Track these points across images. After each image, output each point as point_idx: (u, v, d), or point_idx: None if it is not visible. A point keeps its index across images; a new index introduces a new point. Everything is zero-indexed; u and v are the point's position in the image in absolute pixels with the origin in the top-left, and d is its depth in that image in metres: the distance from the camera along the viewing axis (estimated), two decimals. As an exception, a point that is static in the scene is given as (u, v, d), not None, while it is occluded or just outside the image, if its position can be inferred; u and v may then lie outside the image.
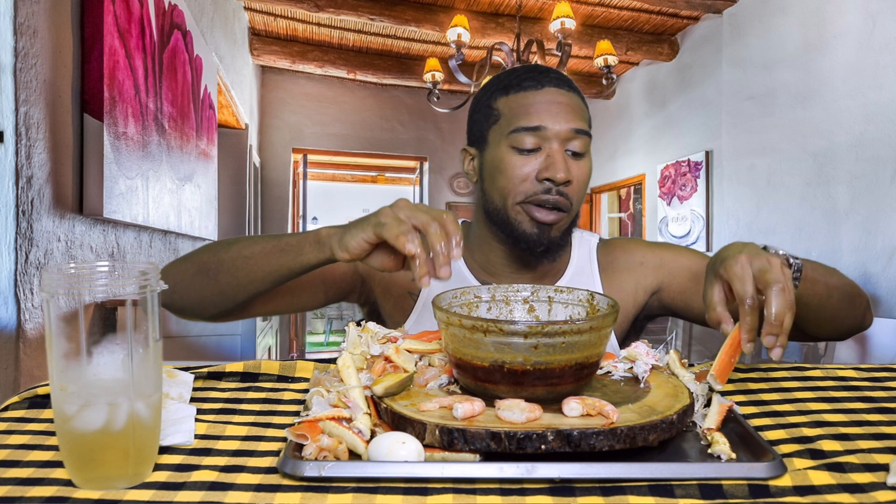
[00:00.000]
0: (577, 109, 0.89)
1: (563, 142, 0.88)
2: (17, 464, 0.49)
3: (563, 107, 0.88)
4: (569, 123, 0.87)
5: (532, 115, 0.87)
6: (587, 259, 1.01)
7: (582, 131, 0.88)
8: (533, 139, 0.87)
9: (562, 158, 0.87)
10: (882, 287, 3.37)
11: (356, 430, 0.50)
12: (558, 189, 0.87)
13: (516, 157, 0.88)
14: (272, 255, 0.77)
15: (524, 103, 0.88)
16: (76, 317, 0.45)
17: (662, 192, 5.49)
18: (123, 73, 1.85)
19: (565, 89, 0.90)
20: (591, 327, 0.54)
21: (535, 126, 0.87)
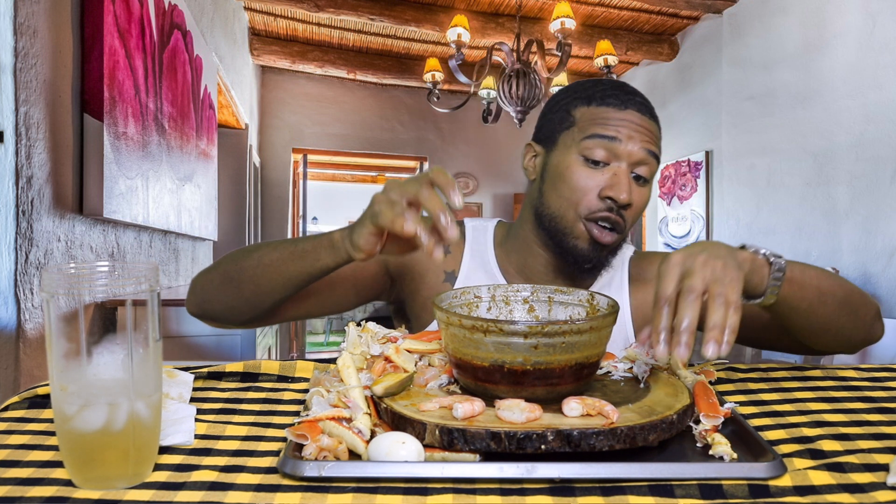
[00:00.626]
0: (653, 136, 0.89)
1: (632, 164, 0.87)
2: (17, 464, 0.49)
3: (642, 129, 0.87)
4: (644, 145, 0.86)
5: (609, 127, 0.86)
6: (619, 270, 1.00)
7: (653, 154, 0.88)
8: (604, 152, 0.86)
9: (627, 180, 0.86)
10: (882, 287, 3.37)
11: (356, 430, 0.50)
12: (618, 210, 0.86)
13: (583, 169, 0.87)
14: (290, 261, 0.78)
15: (604, 116, 0.88)
16: (76, 317, 0.45)
17: (662, 192, 5.49)
18: (123, 73, 1.85)
19: (647, 116, 0.89)
20: (591, 327, 0.53)
21: (610, 136, 0.86)
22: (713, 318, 0.55)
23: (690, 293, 0.56)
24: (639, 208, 0.89)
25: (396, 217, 0.62)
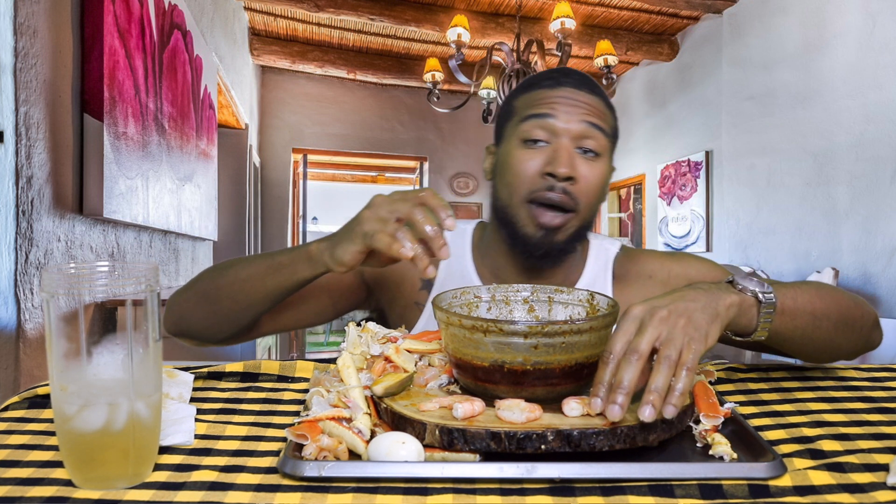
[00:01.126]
0: (594, 108, 0.86)
1: (574, 138, 0.85)
2: (17, 464, 0.49)
3: (579, 103, 0.85)
4: (583, 117, 0.84)
5: (543, 106, 0.85)
6: (602, 269, 0.97)
7: (596, 126, 0.85)
8: (541, 130, 0.85)
9: (567, 154, 0.83)
10: (882, 287, 3.37)
11: (356, 430, 0.50)
12: (562, 187, 0.83)
13: (523, 151, 0.86)
14: (267, 275, 0.77)
15: (538, 97, 0.87)
16: (76, 317, 0.45)
17: (662, 192, 5.49)
18: (123, 73, 1.85)
19: (585, 90, 0.87)
20: (590, 327, 0.53)
21: (543, 113, 0.85)
22: (655, 380, 0.52)
23: (633, 353, 0.53)
24: (591, 184, 0.85)
25: (393, 242, 0.62)
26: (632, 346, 0.53)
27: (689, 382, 0.52)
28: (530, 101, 0.88)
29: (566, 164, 0.82)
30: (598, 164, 0.86)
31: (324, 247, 0.72)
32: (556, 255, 0.88)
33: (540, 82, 0.89)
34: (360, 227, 0.66)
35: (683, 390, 0.52)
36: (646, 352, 0.53)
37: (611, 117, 0.90)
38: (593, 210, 0.88)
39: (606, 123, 0.88)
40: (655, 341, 0.54)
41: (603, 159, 0.87)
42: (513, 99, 0.92)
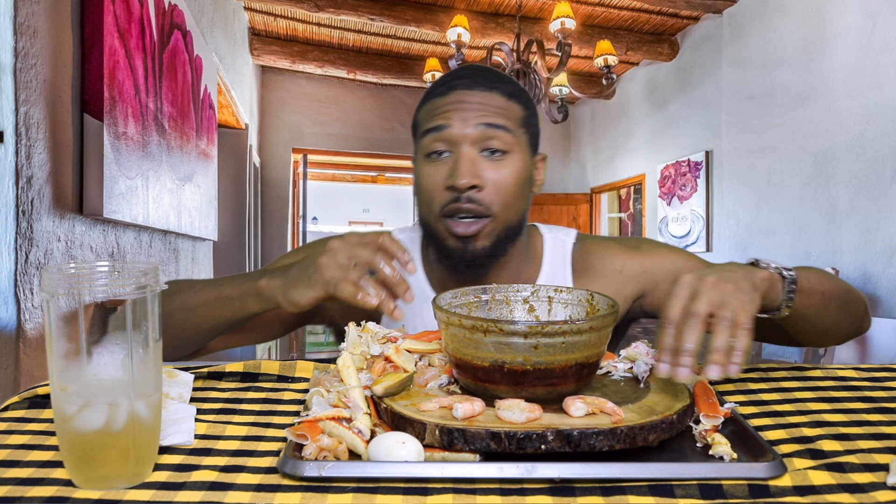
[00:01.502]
0: (489, 107, 0.82)
1: (474, 143, 0.81)
2: (17, 464, 0.49)
3: (472, 106, 0.82)
4: (473, 120, 0.81)
5: (437, 118, 0.83)
6: (561, 263, 0.94)
7: (495, 125, 0.81)
8: (440, 143, 0.82)
9: (467, 162, 0.80)
10: (882, 287, 3.37)
11: (356, 430, 0.50)
12: (468, 196, 0.80)
13: (428, 166, 0.84)
14: (215, 307, 0.77)
15: (432, 109, 0.84)
16: (76, 317, 0.45)
17: (662, 192, 5.49)
18: (123, 73, 1.85)
19: (479, 89, 0.83)
20: (591, 327, 0.53)
21: (437, 126, 0.82)
22: (716, 341, 0.55)
23: (693, 317, 0.56)
24: (501, 185, 0.82)
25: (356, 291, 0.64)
26: (690, 311, 0.56)
27: (747, 342, 0.55)
28: (428, 112, 0.85)
29: (465, 174, 0.80)
30: (508, 161, 0.83)
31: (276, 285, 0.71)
32: (484, 262, 0.85)
33: (435, 90, 0.86)
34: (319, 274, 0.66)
35: (744, 349, 0.55)
36: (703, 314, 0.56)
37: (518, 107, 0.85)
38: (516, 208, 0.85)
39: (509, 118, 0.83)
40: (711, 305, 0.57)
41: (513, 155, 0.84)
42: (417, 112, 0.90)
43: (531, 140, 0.88)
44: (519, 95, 0.86)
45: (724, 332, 0.55)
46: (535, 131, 0.89)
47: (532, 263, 0.94)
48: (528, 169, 0.86)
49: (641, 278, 0.93)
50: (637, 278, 0.93)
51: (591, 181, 6.90)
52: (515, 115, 0.85)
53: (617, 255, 0.94)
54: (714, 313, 0.57)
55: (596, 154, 6.80)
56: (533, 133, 0.88)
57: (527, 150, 0.86)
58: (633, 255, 0.94)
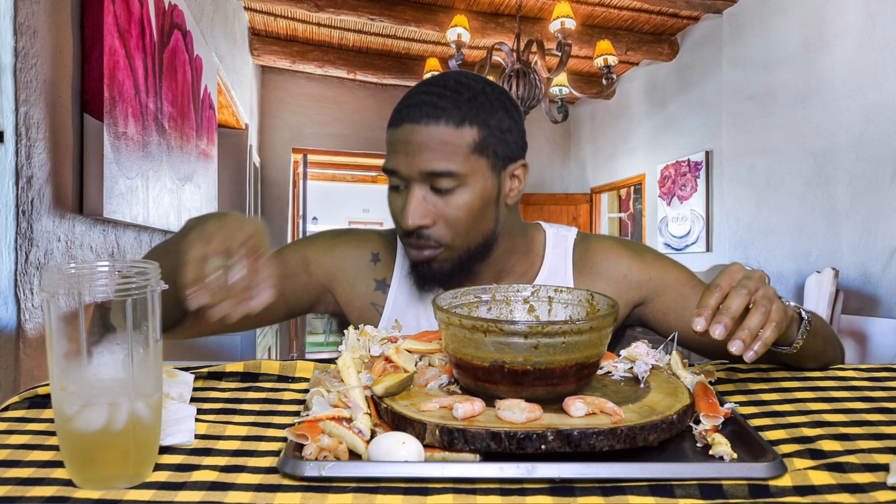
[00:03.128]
0: (433, 147, 0.80)
1: (422, 181, 0.82)
2: (17, 464, 0.49)
3: (413, 146, 0.80)
4: (416, 165, 0.80)
5: (390, 158, 0.84)
6: (562, 259, 0.95)
7: (436, 173, 0.80)
8: (396, 180, 0.84)
9: (415, 202, 0.81)
10: (882, 287, 3.37)
11: (356, 430, 0.50)
12: (417, 233, 0.82)
13: (392, 195, 0.86)
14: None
15: (390, 142, 0.85)
16: (76, 317, 0.45)
17: (662, 192, 5.49)
18: (123, 73, 1.85)
19: (424, 123, 0.80)
20: (591, 327, 0.53)
21: (390, 169, 0.84)
22: (750, 321, 0.59)
23: (743, 288, 0.60)
24: (451, 220, 0.82)
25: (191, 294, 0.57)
26: (742, 283, 0.61)
27: (772, 336, 0.59)
28: (387, 143, 0.86)
29: (411, 216, 0.81)
30: (458, 195, 0.82)
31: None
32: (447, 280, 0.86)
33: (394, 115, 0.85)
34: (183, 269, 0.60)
35: (767, 342, 0.59)
36: (752, 290, 0.61)
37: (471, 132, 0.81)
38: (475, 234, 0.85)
39: (455, 154, 0.80)
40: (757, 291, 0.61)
41: (465, 189, 0.82)
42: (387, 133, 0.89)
43: (493, 160, 0.84)
44: (473, 116, 0.82)
45: (760, 316, 0.59)
46: (501, 147, 0.85)
47: (532, 259, 0.95)
48: (485, 194, 0.83)
49: (645, 286, 0.93)
50: (641, 286, 0.93)
51: (591, 181, 6.90)
52: (466, 143, 0.81)
53: (623, 258, 0.94)
54: (755, 301, 0.61)
55: (596, 154, 6.80)
56: (496, 152, 0.84)
57: (485, 172, 0.83)
58: (638, 262, 0.94)
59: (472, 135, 0.81)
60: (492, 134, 0.83)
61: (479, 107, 0.82)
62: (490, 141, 0.83)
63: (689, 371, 0.64)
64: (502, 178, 0.86)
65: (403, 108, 0.84)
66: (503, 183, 0.87)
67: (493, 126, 0.83)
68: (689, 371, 0.64)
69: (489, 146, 0.83)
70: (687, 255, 5.15)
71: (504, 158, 0.86)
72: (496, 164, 0.84)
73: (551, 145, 7.22)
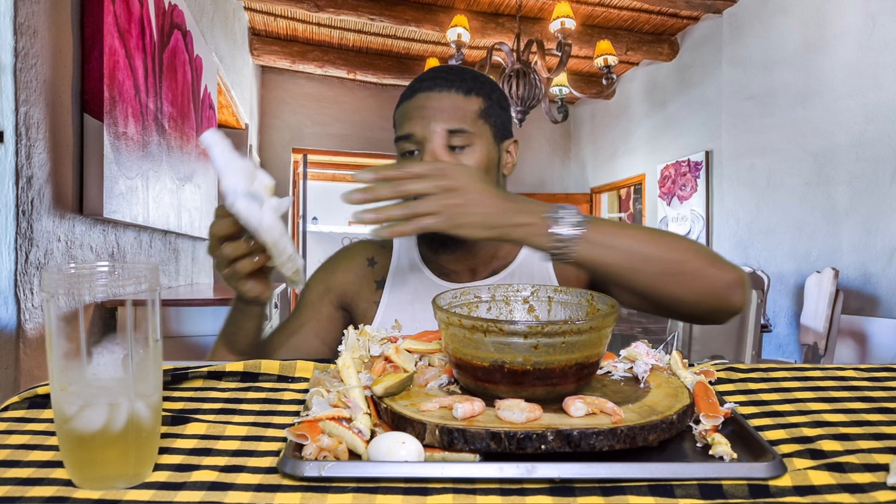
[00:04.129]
0: (447, 109, 0.91)
1: (436, 142, 0.90)
2: (17, 464, 0.49)
3: (430, 109, 0.91)
4: (431, 125, 0.90)
5: (404, 125, 0.93)
6: None
7: (451, 130, 0.90)
8: (410, 145, 0.92)
9: (431, 157, 0.90)
10: (882, 287, 3.37)
11: (356, 430, 0.50)
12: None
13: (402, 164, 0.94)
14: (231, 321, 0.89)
15: (402, 113, 0.95)
16: (76, 317, 0.45)
17: (662, 192, 5.49)
18: (123, 73, 1.85)
19: (437, 91, 0.92)
20: (591, 327, 0.53)
21: (405, 135, 0.92)
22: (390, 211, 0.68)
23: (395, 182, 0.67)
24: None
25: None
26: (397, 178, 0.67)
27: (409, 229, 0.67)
28: (400, 117, 0.95)
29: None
30: (468, 153, 0.91)
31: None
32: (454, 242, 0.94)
33: (404, 94, 0.96)
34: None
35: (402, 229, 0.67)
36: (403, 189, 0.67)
37: (477, 100, 0.93)
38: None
39: (466, 116, 0.91)
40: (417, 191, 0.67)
41: (474, 147, 0.92)
42: (394, 114, 0.99)
43: (494, 129, 0.95)
44: (478, 89, 0.94)
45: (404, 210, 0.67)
46: (500, 119, 0.96)
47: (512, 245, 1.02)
48: (491, 156, 0.94)
49: None
50: None
51: (591, 181, 6.90)
52: (473, 109, 0.92)
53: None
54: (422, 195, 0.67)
55: (596, 154, 6.80)
56: (495, 122, 0.95)
57: (489, 138, 0.94)
58: None
59: (479, 103, 0.93)
60: (493, 106, 0.95)
61: (482, 84, 0.95)
62: (492, 111, 0.95)
63: (689, 371, 0.64)
64: (501, 150, 0.97)
65: (416, 84, 0.95)
66: (501, 155, 0.97)
67: (494, 100, 0.95)
68: (689, 371, 0.64)
69: (491, 115, 0.94)
70: (687, 255, 5.15)
71: (502, 130, 0.97)
72: (497, 133, 0.96)
73: (551, 145, 7.22)
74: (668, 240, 0.77)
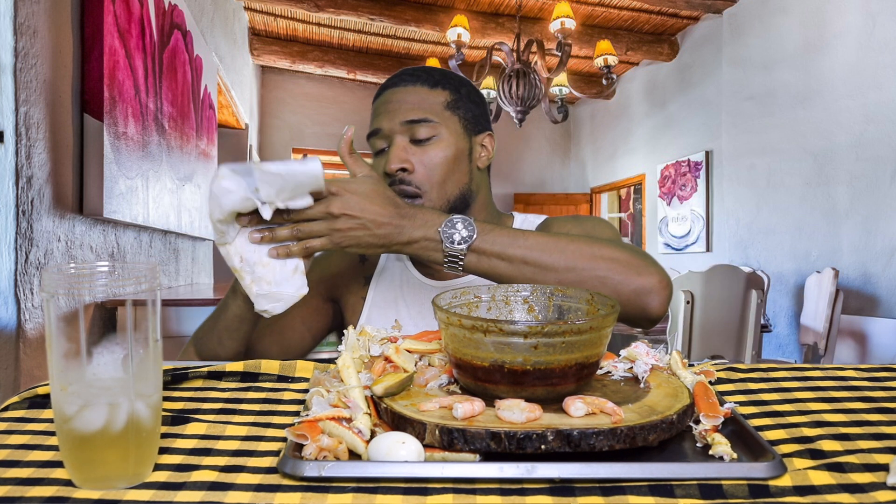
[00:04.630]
0: (411, 101, 0.93)
1: (402, 134, 0.92)
2: (17, 464, 0.49)
3: (395, 104, 0.93)
4: (396, 118, 0.92)
5: (372, 121, 0.96)
6: None
7: (414, 120, 0.92)
8: (379, 141, 0.95)
9: (398, 150, 0.92)
10: (882, 287, 3.37)
11: (356, 430, 0.50)
12: (400, 178, 0.91)
13: (375, 160, 0.97)
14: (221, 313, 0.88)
15: (373, 111, 0.97)
16: (76, 317, 0.45)
17: (662, 192, 5.49)
18: (123, 73, 1.85)
19: (402, 86, 0.94)
20: (591, 327, 0.53)
21: (372, 131, 0.95)
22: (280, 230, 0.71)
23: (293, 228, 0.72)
24: (429, 166, 0.92)
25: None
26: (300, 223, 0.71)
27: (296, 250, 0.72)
28: (371, 115, 0.98)
29: (394, 160, 0.92)
30: (434, 145, 0.93)
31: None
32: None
33: (375, 95, 0.99)
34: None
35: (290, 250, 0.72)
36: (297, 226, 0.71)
37: (444, 93, 0.94)
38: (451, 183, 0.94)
39: (430, 108, 0.93)
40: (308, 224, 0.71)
41: (440, 139, 0.93)
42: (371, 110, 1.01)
43: (464, 121, 0.96)
44: (446, 83, 0.96)
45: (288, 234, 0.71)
46: (471, 112, 0.97)
47: None
48: (458, 147, 0.94)
49: None
50: None
51: (591, 181, 6.90)
52: (439, 101, 0.94)
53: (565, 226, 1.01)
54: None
55: (596, 154, 6.80)
56: (465, 115, 0.96)
57: (457, 130, 0.95)
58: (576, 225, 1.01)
59: (445, 96, 0.95)
60: (461, 99, 0.96)
61: (450, 79, 0.97)
62: (461, 104, 0.96)
63: (689, 371, 0.64)
64: (473, 143, 0.97)
65: (385, 83, 0.98)
66: (474, 147, 0.97)
67: (463, 93, 0.97)
68: (689, 371, 0.64)
69: (460, 107, 0.95)
70: (687, 255, 5.15)
71: (474, 123, 0.97)
72: (467, 126, 0.96)
73: (551, 145, 7.22)
74: (574, 248, 0.77)
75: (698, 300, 2.58)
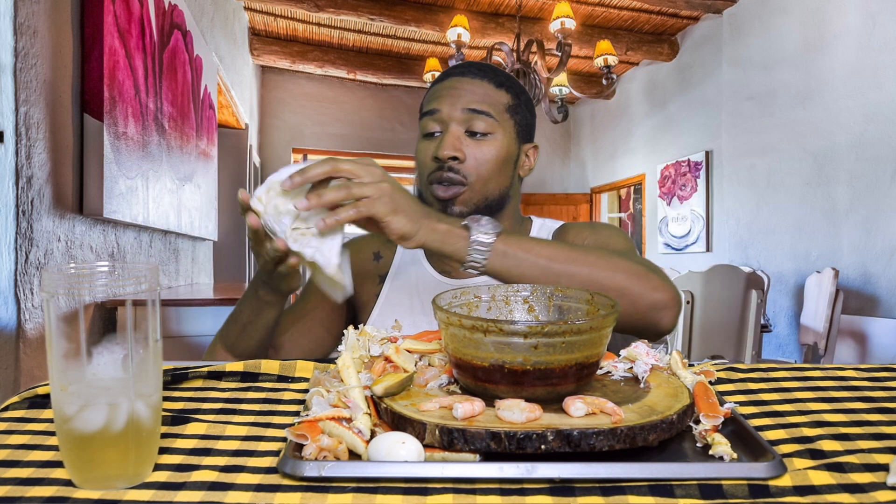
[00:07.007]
0: (477, 93, 0.93)
1: (460, 123, 0.92)
2: (17, 464, 0.49)
3: (460, 91, 0.93)
4: (459, 104, 0.92)
5: (431, 102, 0.95)
6: None
7: (478, 111, 0.92)
8: (432, 122, 0.94)
9: (453, 138, 0.91)
10: (882, 287, 3.37)
11: (356, 430, 0.50)
12: (449, 166, 0.91)
13: (424, 143, 0.96)
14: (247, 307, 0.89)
15: (429, 95, 0.97)
16: (76, 317, 0.45)
17: (662, 192, 5.49)
18: (123, 73, 1.85)
19: (469, 77, 0.94)
20: (591, 327, 0.53)
21: (430, 110, 0.94)
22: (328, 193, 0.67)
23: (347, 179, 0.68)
24: (480, 160, 0.92)
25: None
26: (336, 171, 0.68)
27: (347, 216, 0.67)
28: (427, 98, 0.97)
29: (448, 147, 0.91)
30: (489, 142, 0.93)
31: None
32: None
33: (437, 79, 0.99)
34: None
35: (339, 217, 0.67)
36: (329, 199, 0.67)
37: (506, 95, 0.95)
38: (494, 183, 0.94)
39: (493, 104, 0.94)
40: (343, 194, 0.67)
41: (495, 137, 0.93)
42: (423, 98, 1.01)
43: (518, 127, 0.97)
44: (510, 86, 0.96)
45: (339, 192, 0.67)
46: (525, 120, 0.98)
47: None
48: (509, 151, 0.95)
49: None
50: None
51: (591, 181, 6.90)
52: (501, 101, 0.95)
53: (582, 232, 1.02)
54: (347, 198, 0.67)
55: (596, 154, 6.80)
56: (520, 121, 0.97)
57: (511, 134, 0.95)
58: (580, 231, 1.02)
59: (507, 98, 0.95)
60: (520, 105, 0.97)
61: (513, 84, 0.97)
62: (519, 109, 0.97)
63: (689, 371, 0.64)
64: (521, 150, 0.98)
65: (449, 70, 0.98)
66: (521, 155, 0.99)
67: (523, 101, 0.98)
68: (689, 371, 0.64)
69: (518, 113, 0.96)
70: (687, 255, 5.15)
71: (526, 131, 0.98)
72: (520, 132, 0.97)
73: (551, 145, 7.22)
74: (593, 259, 0.77)
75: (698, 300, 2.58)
